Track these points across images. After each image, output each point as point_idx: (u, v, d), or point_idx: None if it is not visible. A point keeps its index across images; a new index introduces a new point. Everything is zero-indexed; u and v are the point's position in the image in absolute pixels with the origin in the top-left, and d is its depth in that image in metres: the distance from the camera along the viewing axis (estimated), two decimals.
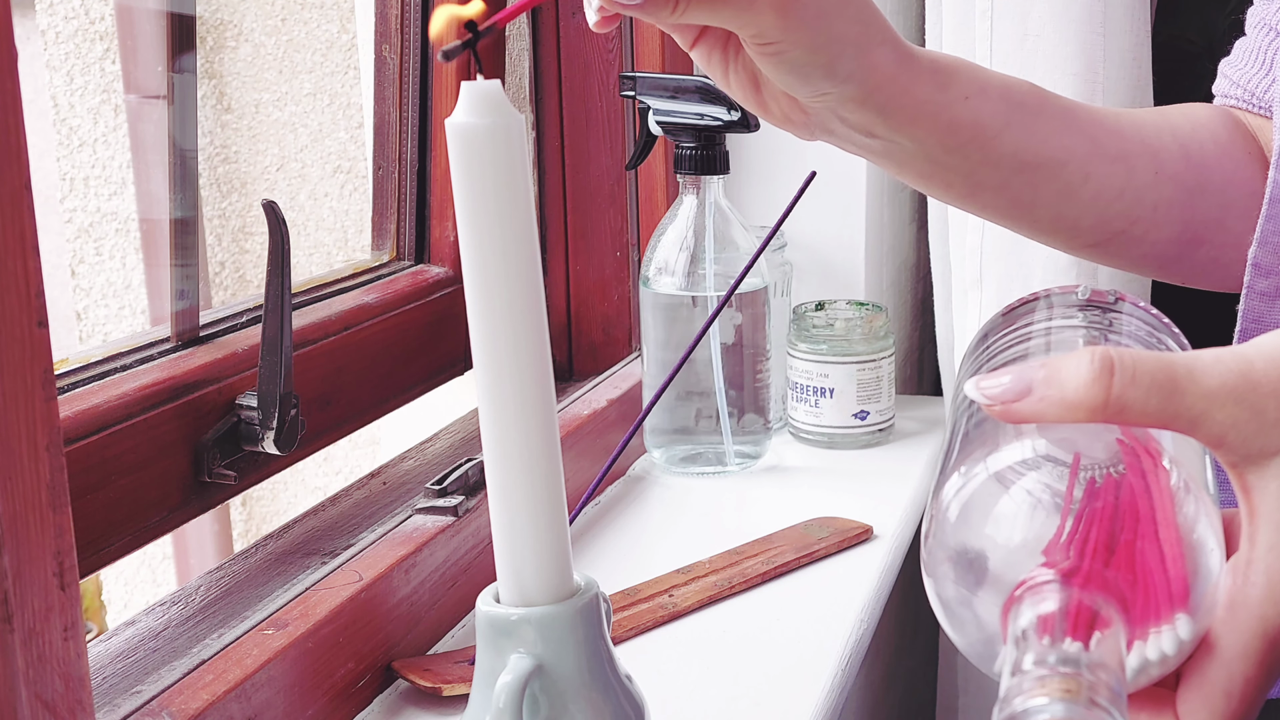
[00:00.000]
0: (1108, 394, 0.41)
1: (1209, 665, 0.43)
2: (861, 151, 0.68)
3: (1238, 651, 0.42)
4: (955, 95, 0.65)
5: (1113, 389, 0.41)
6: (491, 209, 0.50)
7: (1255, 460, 0.42)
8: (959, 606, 0.45)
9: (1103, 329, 0.52)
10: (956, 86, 0.65)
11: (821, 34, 0.59)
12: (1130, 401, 0.41)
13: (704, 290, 1.01)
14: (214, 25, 1.52)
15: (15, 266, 0.42)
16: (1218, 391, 0.42)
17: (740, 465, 1.05)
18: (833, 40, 0.60)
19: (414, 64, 1.02)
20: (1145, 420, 0.42)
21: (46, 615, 0.44)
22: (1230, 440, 0.42)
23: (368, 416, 0.93)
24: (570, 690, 0.53)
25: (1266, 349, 0.43)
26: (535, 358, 0.51)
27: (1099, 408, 0.42)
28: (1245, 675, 0.42)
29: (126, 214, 1.48)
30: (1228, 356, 0.43)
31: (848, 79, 0.61)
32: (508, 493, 0.53)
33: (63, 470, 0.44)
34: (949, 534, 0.45)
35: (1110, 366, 0.41)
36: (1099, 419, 0.42)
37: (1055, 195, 0.71)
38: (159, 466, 0.72)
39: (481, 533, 0.82)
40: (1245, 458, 0.42)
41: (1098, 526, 0.42)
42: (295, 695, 0.65)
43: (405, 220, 1.04)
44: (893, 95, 0.63)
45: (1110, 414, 0.42)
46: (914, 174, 0.69)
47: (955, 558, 0.44)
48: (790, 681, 0.75)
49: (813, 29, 0.59)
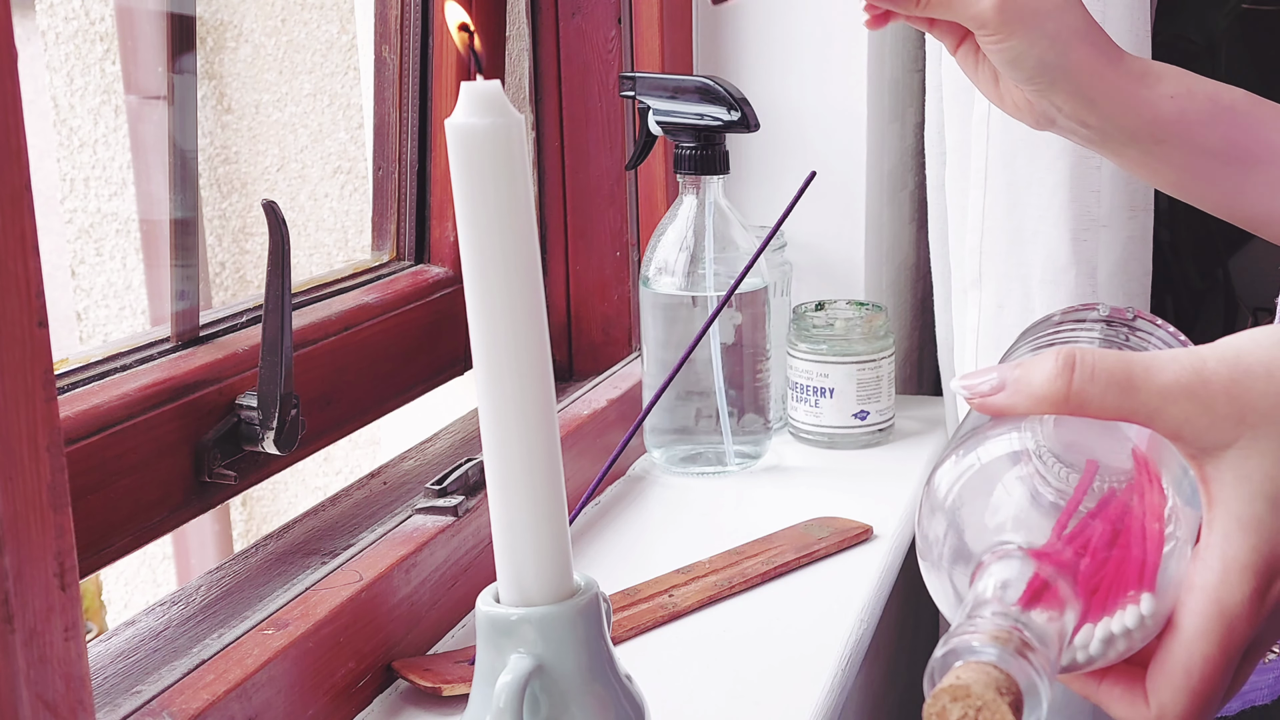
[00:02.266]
0: (1068, 388, 0.45)
1: (1171, 644, 0.46)
2: (1083, 141, 0.77)
3: (1197, 631, 0.45)
4: (1160, 93, 0.74)
5: (1073, 383, 0.45)
6: (491, 209, 0.50)
7: (1210, 453, 0.45)
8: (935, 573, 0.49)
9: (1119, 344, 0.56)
10: (1162, 86, 0.74)
11: (1035, 29, 0.71)
12: (1089, 396, 0.45)
13: (704, 290, 1.01)
14: (214, 26, 1.52)
15: (15, 267, 0.42)
16: (1170, 387, 0.45)
17: (740, 465, 1.05)
18: (1045, 35, 0.71)
19: (414, 64, 1.02)
20: (1105, 413, 0.46)
21: (47, 615, 0.44)
22: (1185, 434, 0.45)
23: (368, 416, 0.93)
24: (570, 690, 0.53)
25: (1220, 349, 0.46)
26: (535, 358, 0.52)
27: (1061, 400, 0.46)
28: (1204, 653, 0.45)
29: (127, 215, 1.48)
30: (1183, 355, 0.46)
31: (1059, 71, 0.72)
32: (508, 493, 0.53)
33: (63, 470, 0.44)
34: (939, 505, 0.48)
35: (1072, 364, 0.45)
36: (1062, 411, 0.46)
37: (1265, 189, 0.76)
38: (159, 466, 0.72)
39: (481, 533, 0.82)
40: (1202, 450, 0.45)
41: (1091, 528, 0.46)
42: (295, 695, 0.65)
43: (405, 220, 1.04)
44: (1100, 89, 0.73)
45: (1072, 406, 0.46)
46: (1129, 162, 0.77)
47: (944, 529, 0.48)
48: (790, 681, 0.75)
49: (1027, 25, 0.71)
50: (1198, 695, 0.46)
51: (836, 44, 1.18)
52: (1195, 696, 0.46)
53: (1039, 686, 0.42)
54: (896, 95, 1.27)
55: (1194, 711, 0.47)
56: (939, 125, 1.15)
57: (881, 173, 1.24)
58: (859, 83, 1.18)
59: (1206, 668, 0.45)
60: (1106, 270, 1.11)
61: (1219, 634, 0.45)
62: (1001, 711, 0.40)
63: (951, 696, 0.41)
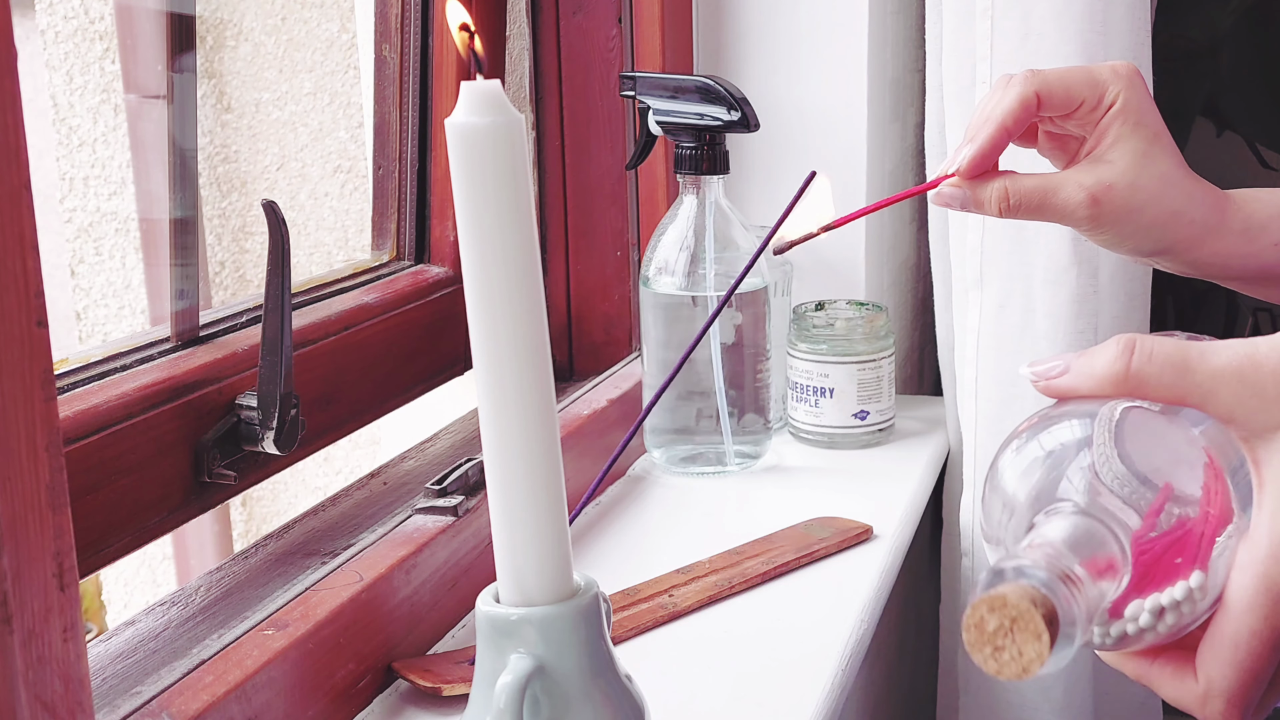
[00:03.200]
0: (1127, 368, 0.48)
1: (1220, 619, 0.48)
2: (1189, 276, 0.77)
3: (1244, 605, 0.47)
4: (1264, 244, 0.72)
5: (1132, 364, 0.48)
6: (491, 209, 0.50)
7: (1261, 435, 0.47)
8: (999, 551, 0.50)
9: None
10: (1267, 235, 0.72)
11: (1130, 224, 0.70)
12: (1147, 376, 0.48)
13: (704, 290, 1.01)
14: (214, 25, 1.52)
15: (15, 266, 0.42)
16: (1223, 370, 0.47)
17: (740, 465, 1.05)
18: (1141, 228, 0.70)
19: (414, 64, 1.02)
20: (1162, 394, 0.48)
21: (46, 616, 0.44)
22: (1238, 416, 0.47)
23: (368, 416, 0.93)
24: (570, 690, 0.53)
25: (1274, 337, 0.48)
26: (535, 358, 0.51)
27: (1120, 380, 0.49)
28: (1251, 627, 0.47)
29: (126, 214, 1.48)
30: (1237, 342, 0.48)
31: (1161, 250, 0.72)
32: (508, 493, 0.53)
33: (62, 470, 0.44)
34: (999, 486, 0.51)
35: (1131, 347, 0.48)
36: (1122, 391, 0.49)
37: None
38: (159, 466, 0.72)
39: (481, 533, 0.82)
40: (1253, 433, 0.47)
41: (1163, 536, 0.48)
42: (295, 696, 0.65)
43: (405, 220, 1.04)
44: (1205, 256, 0.72)
45: (1130, 386, 0.48)
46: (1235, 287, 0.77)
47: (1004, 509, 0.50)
48: (791, 681, 0.75)
49: (1122, 222, 0.70)
50: (1245, 670, 0.47)
51: (837, 44, 1.18)
52: (1243, 671, 0.47)
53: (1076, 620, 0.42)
54: (897, 95, 1.27)
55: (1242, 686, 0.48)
56: (939, 125, 1.15)
57: (882, 173, 1.24)
58: (859, 83, 1.18)
59: (1254, 642, 0.47)
60: (1108, 270, 1.11)
61: (1266, 608, 0.46)
62: (1036, 625, 0.41)
63: (989, 607, 0.42)
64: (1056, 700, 1.14)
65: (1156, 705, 1.22)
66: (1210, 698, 0.48)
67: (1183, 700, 0.50)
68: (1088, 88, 0.69)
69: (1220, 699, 0.48)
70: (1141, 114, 0.70)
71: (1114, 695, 1.20)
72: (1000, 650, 0.42)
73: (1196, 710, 0.49)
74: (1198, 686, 0.49)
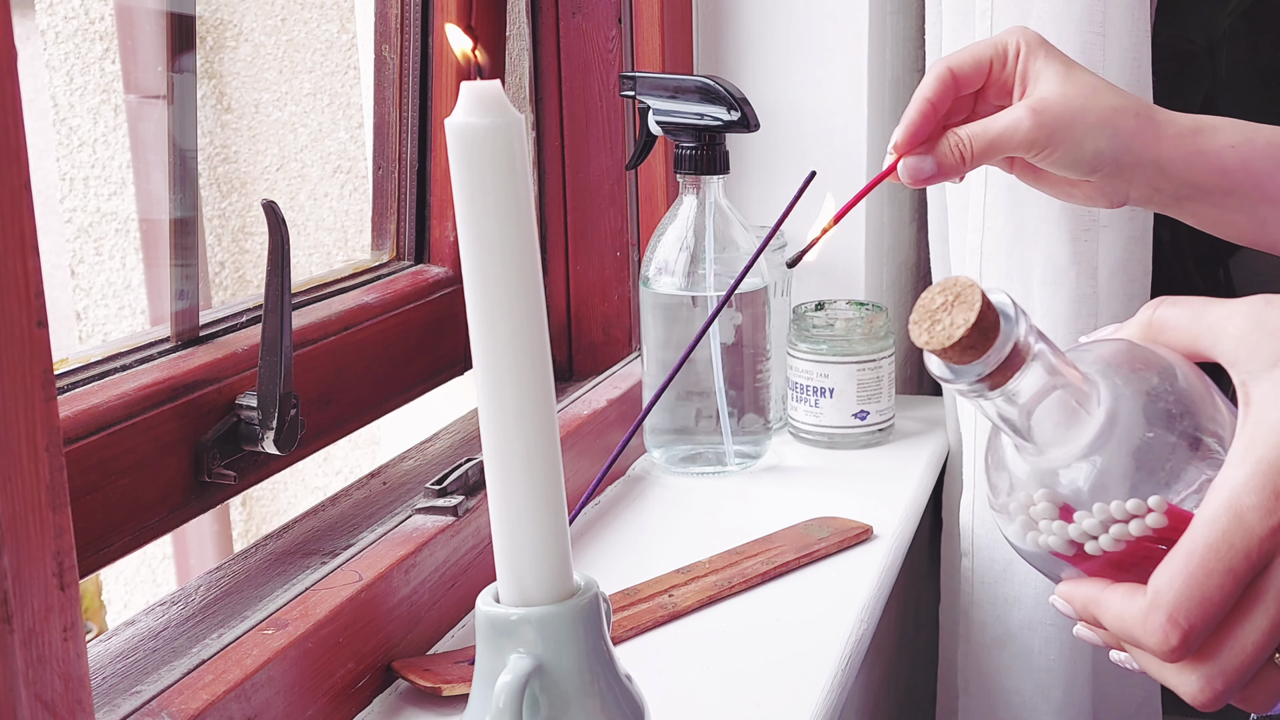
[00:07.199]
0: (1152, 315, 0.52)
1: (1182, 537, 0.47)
2: (1160, 206, 0.79)
3: (1205, 519, 0.47)
4: (1220, 144, 0.76)
5: (1156, 311, 0.52)
6: (491, 209, 0.50)
7: (1258, 375, 0.48)
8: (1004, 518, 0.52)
9: None
10: (1219, 137, 0.76)
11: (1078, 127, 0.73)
12: (1167, 318, 0.51)
13: (704, 290, 1.01)
14: (214, 25, 1.52)
15: (15, 266, 0.42)
16: (1236, 308, 0.49)
17: (740, 465, 1.05)
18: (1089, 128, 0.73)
19: (414, 64, 1.02)
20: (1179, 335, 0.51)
21: (46, 615, 0.44)
22: (1240, 354, 0.48)
23: (368, 416, 0.93)
24: (570, 690, 0.53)
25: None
26: (535, 358, 0.52)
27: (1145, 324, 0.52)
28: (1207, 540, 0.46)
29: (126, 214, 1.48)
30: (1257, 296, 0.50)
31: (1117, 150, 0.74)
32: (508, 493, 0.53)
33: (62, 470, 0.44)
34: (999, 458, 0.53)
35: (1159, 300, 0.52)
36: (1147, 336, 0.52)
37: None
38: (159, 466, 0.72)
39: (481, 533, 0.82)
40: (1250, 374, 0.48)
41: None
42: (295, 695, 0.65)
43: (405, 220, 1.04)
44: (1160, 149, 0.75)
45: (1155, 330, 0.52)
46: (1205, 220, 0.79)
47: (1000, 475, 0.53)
48: (790, 681, 0.75)
49: (1069, 127, 0.73)
50: (1194, 582, 0.46)
51: (836, 44, 1.18)
52: (1191, 583, 0.46)
53: (1015, 319, 0.46)
54: (897, 95, 1.27)
55: (1187, 599, 0.46)
56: None
57: None
58: (859, 83, 1.18)
59: (1207, 554, 0.46)
60: (1107, 270, 1.11)
61: (1226, 524, 0.46)
62: (974, 299, 0.45)
63: (941, 288, 0.46)
64: (1056, 701, 1.14)
65: (1156, 705, 1.22)
66: (1153, 609, 0.46)
67: (1126, 619, 0.48)
68: (990, 48, 0.76)
69: (1162, 611, 0.46)
70: (1048, 49, 0.75)
71: (1114, 696, 1.20)
72: (936, 324, 0.45)
73: (1138, 628, 0.47)
74: (1144, 600, 0.47)
